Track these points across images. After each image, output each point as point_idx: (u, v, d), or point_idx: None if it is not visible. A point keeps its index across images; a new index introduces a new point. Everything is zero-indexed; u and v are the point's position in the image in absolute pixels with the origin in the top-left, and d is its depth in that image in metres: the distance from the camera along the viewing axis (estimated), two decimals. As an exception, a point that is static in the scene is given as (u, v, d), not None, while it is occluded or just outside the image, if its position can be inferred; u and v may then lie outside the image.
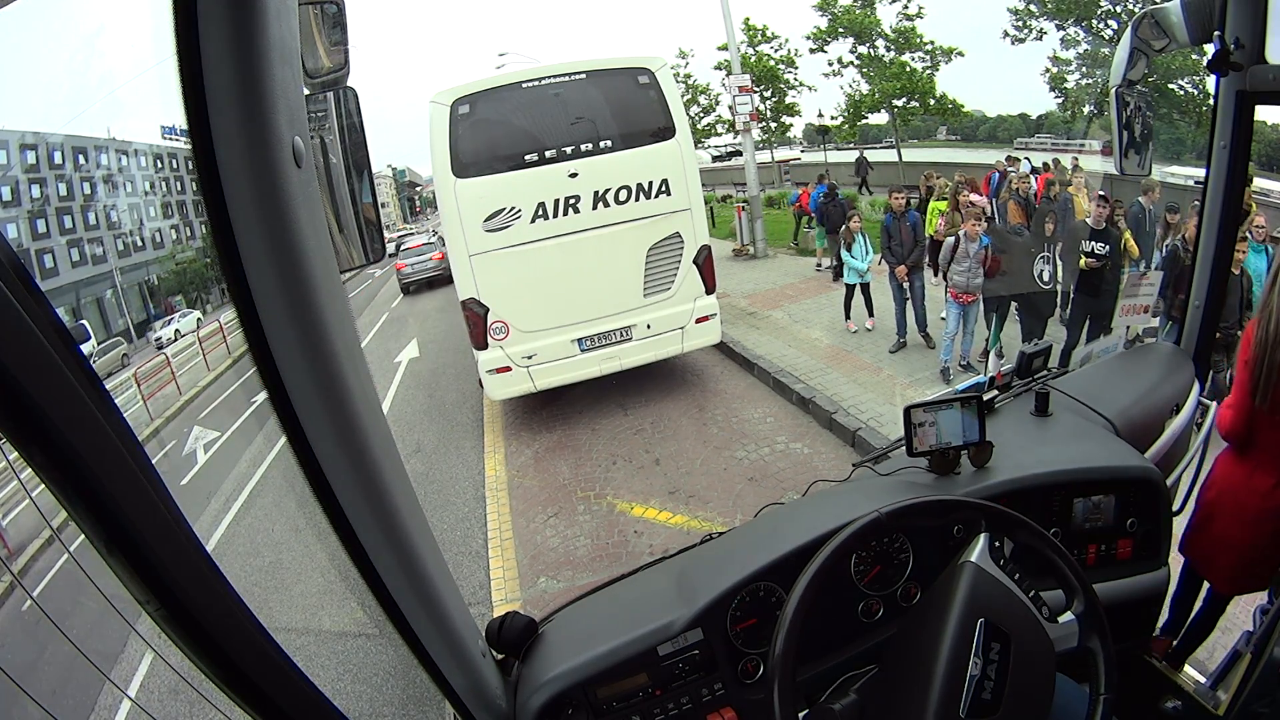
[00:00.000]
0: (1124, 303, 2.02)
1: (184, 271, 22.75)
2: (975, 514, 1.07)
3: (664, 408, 5.98)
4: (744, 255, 11.32)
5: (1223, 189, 1.69)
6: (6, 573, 4.59)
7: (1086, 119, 15.04)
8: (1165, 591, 1.41)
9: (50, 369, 0.47)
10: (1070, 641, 1.01)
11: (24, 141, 18.76)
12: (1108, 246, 5.19)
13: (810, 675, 1.21)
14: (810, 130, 20.20)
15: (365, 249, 0.73)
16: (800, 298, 8.63)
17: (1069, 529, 1.36)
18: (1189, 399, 1.76)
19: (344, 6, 0.70)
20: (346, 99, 0.70)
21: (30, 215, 18.40)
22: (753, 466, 4.83)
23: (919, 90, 16.72)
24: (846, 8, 17.03)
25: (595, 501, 4.70)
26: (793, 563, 1.17)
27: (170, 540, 0.55)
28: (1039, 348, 1.73)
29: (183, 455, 7.39)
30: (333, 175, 0.68)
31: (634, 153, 5.50)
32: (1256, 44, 1.47)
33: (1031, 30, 15.22)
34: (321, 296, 0.61)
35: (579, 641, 1.19)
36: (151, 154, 23.13)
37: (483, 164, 5.25)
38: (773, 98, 18.48)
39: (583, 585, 3.25)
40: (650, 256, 5.65)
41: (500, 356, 5.53)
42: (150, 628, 0.58)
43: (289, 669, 0.69)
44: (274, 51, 0.52)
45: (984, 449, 1.37)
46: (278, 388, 0.61)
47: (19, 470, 0.53)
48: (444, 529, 4.66)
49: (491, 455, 5.75)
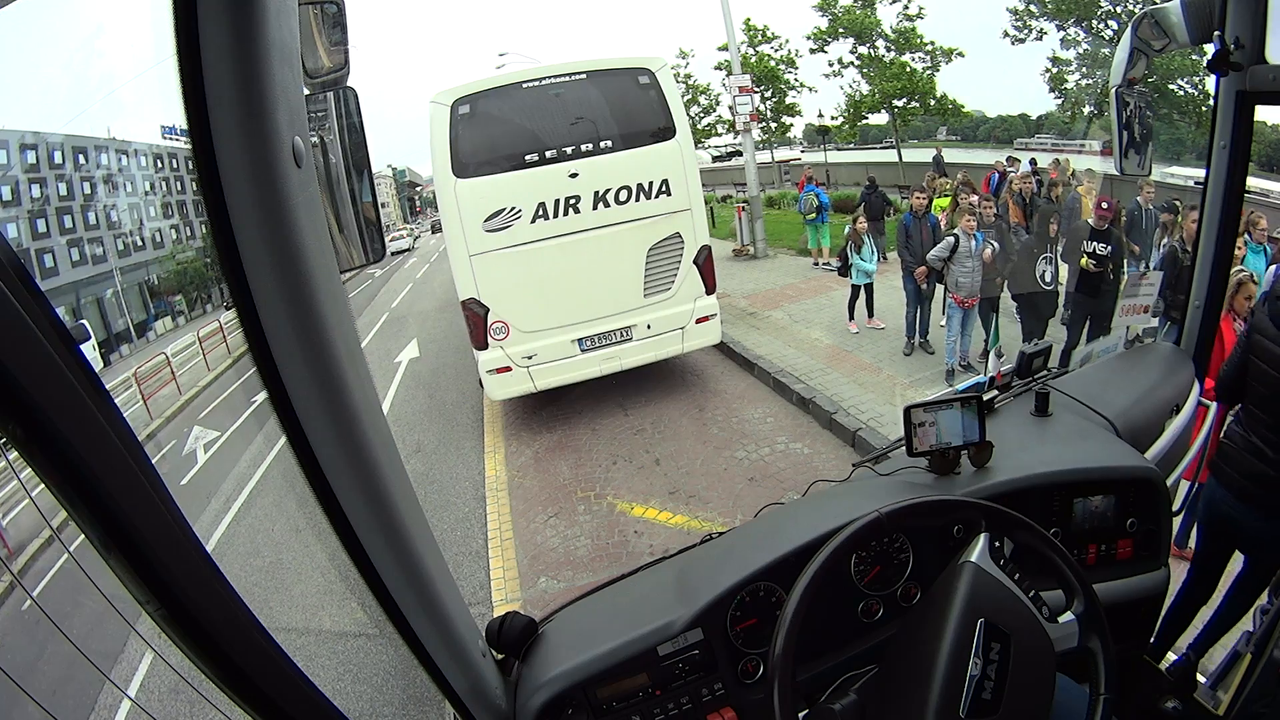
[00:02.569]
0: (1124, 303, 2.02)
1: (184, 271, 22.76)
2: (975, 514, 1.07)
3: (664, 408, 5.98)
4: (744, 255, 11.32)
5: (1223, 189, 1.69)
6: (6, 573, 4.59)
7: (1086, 119, 15.04)
8: (1165, 591, 1.41)
9: (50, 369, 0.46)
10: (1070, 641, 1.01)
11: (24, 141, 18.77)
12: (1109, 247, 5.19)
13: (810, 675, 1.21)
14: (810, 130, 20.21)
15: (365, 249, 0.73)
16: (800, 298, 8.63)
17: (1069, 529, 1.36)
18: (1189, 399, 1.77)
19: (344, 6, 0.70)
20: (346, 99, 0.70)
21: (30, 215, 18.41)
22: (753, 466, 4.83)
23: (919, 90, 16.72)
24: (847, 8, 17.04)
25: (595, 501, 4.70)
26: (793, 563, 1.17)
27: (170, 540, 0.55)
28: (1039, 348, 1.73)
29: (183, 455, 7.39)
30: (333, 175, 0.69)
31: (634, 153, 5.50)
32: (1256, 44, 1.47)
33: (1031, 30, 15.23)
34: (321, 296, 0.61)
35: (579, 641, 1.19)
36: (151, 154, 23.14)
37: (483, 164, 5.25)
38: (773, 98, 18.48)
39: (583, 585, 3.25)
40: (650, 257, 5.65)
41: (500, 356, 5.53)
42: (150, 628, 0.58)
43: (289, 669, 0.69)
44: (274, 51, 0.52)
45: (984, 449, 1.37)
46: (278, 388, 0.61)
47: (19, 470, 0.53)
48: (444, 529, 4.66)
49: (491, 455, 5.75)
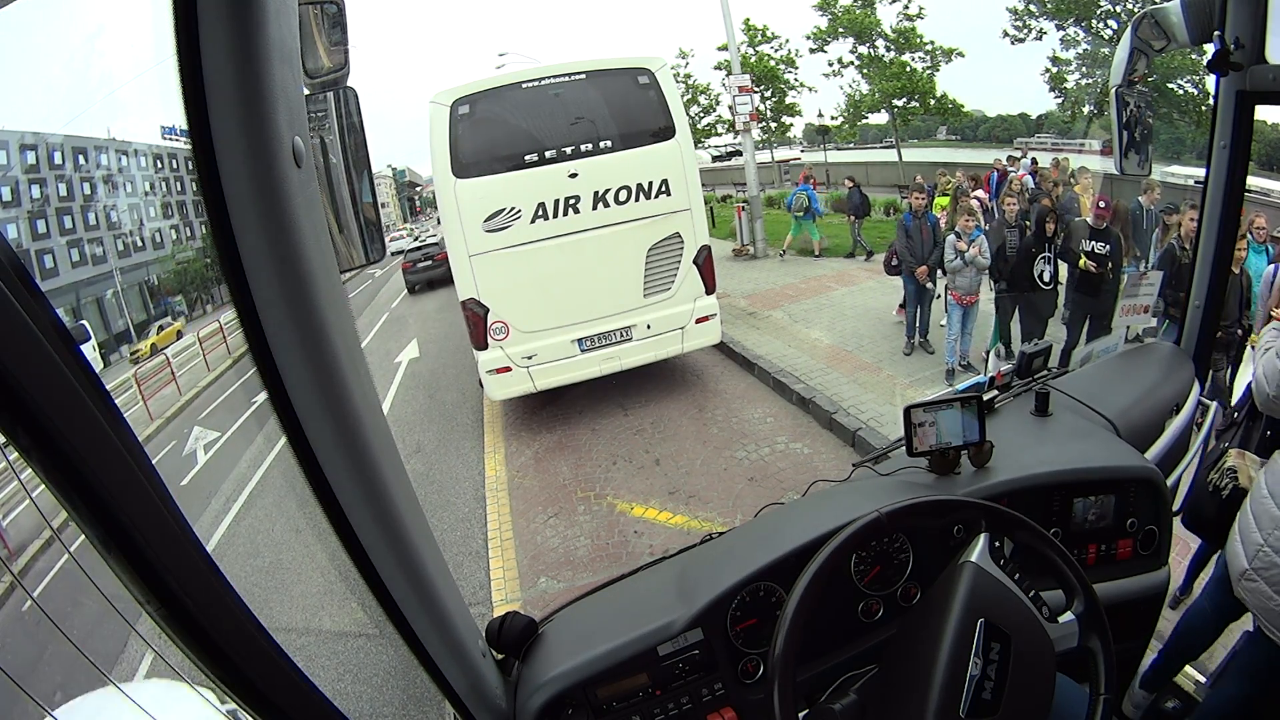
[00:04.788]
0: (1124, 303, 2.02)
1: (184, 271, 22.77)
2: (975, 514, 1.07)
3: (664, 408, 5.98)
4: (744, 255, 11.32)
5: (1223, 189, 1.69)
6: (6, 573, 4.59)
7: (1086, 119, 15.05)
8: (1165, 591, 1.41)
9: (50, 369, 0.46)
10: (1070, 641, 1.01)
11: (24, 141, 18.78)
12: (1108, 246, 5.19)
13: (810, 675, 1.21)
14: (810, 130, 20.22)
15: (365, 249, 0.73)
16: (800, 298, 8.63)
17: (1069, 529, 1.36)
18: (1189, 399, 1.77)
19: (344, 6, 0.69)
20: (346, 99, 0.70)
21: (30, 215, 18.42)
22: (753, 466, 4.83)
23: (919, 90, 16.74)
24: (847, 8, 17.04)
25: (595, 502, 4.70)
26: (793, 563, 1.17)
27: (170, 540, 0.55)
28: (1039, 348, 1.73)
29: (183, 455, 7.39)
30: (333, 175, 0.68)
31: (634, 153, 5.49)
32: (1256, 44, 1.47)
33: (1031, 30, 15.24)
34: (321, 296, 0.61)
35: (579, 642, 1.19)
36: (151, 154, 23.15)
37: (483, 164, 5.25)
38: (773, 98, 18.49)
39: (583, 585, 3.24)
40: (650, 257, 5.65)
41: (500, 357, 5.53)
42: (150, 628, 0.58)
43: (289, 669, 0.69)
44: (274, 51, 0.52)
45: (984, 449, 1.37)
46: (278, 388, 0.61)
47: (19, 470, 0.53)
48: (444, 529, 4.66)
49: (491, 455, 5.75)
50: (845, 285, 8.94)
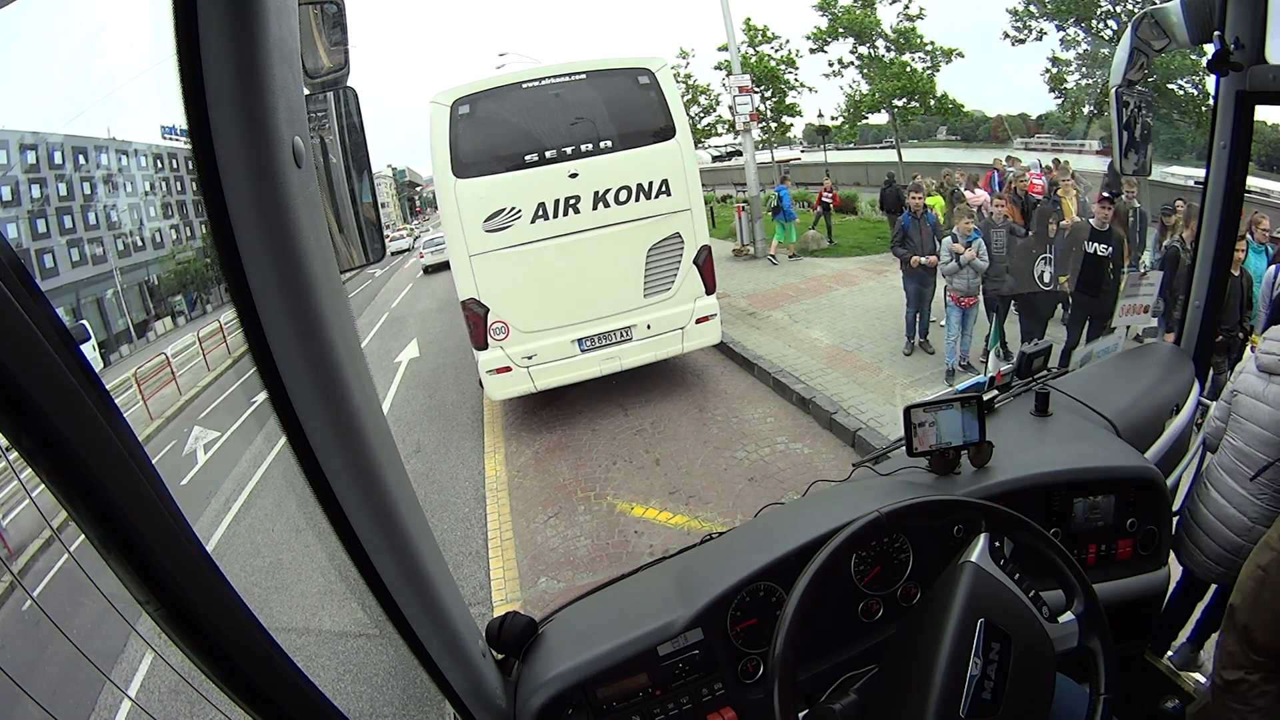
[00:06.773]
0: (1124, 303, 2.02)
1: (184, 271, 22.78)
2: (975, 514, 1.07)
3: (664, 408, 5.98)
4: (744, 255, 11.32)
5: (1223, 189, 1.69)
6: (6, 573, 4.59)
7: (1086, 119, 15.04)
8: (1165, 591, 1.41)
9: (50, 369, 0.46)
10: (1070, 641, 1.01)
11: (24, 141, 18.79)
12: (1110, 247, 5.19)
13: (810, 675, 1.20)
14: (810, 130, 20.21)
15: (365, 249, 0.73)
16: (800, 298, 8.63)
17: (1069, 529, 1.36)
18: (1189, 399, 1.77)
19: (344, 6, 0.70)
20: (346, 99, 0.70)
21: (30, 215, 18.43)
22: (753, 466, 4.83)
23: (919, 90, 16.71)
24: (847, 8, 17.01)
25: (595, 502, 4.70)
26: (793, 563, 1.17)
27: (170, 540, 0.55)
28: (1039, 348, 1.73)
29: (183, 455, 7.39)
30: (333, 175, 0.68)
31: (634, 153, 5.50)
32: (1256, 44, 1.47)
33: (1031, 31, 15.22)
34: (321, 296, 0.60)
35: (579, 642, 1.19)
36: (151, 154, 23.17)
37: (483, 164, 5.25)
38: (773, 98, 18.45)
39: (583, 585, 3.25)
40: (650, 257, 5.65)
41: (500, 357, 5.53)
42: (150, 628, 0.58)
43: (289, 669, 0.69)
44: (274, 51, 0.52)
45: (984, 449, 1.37)
46: (278, 388, 0.61)
47: (19, 470, 0.53)
48: (444, 529, 4.66)
49: (491, 455, 5.75)
50: (845, 285, 8.95)
